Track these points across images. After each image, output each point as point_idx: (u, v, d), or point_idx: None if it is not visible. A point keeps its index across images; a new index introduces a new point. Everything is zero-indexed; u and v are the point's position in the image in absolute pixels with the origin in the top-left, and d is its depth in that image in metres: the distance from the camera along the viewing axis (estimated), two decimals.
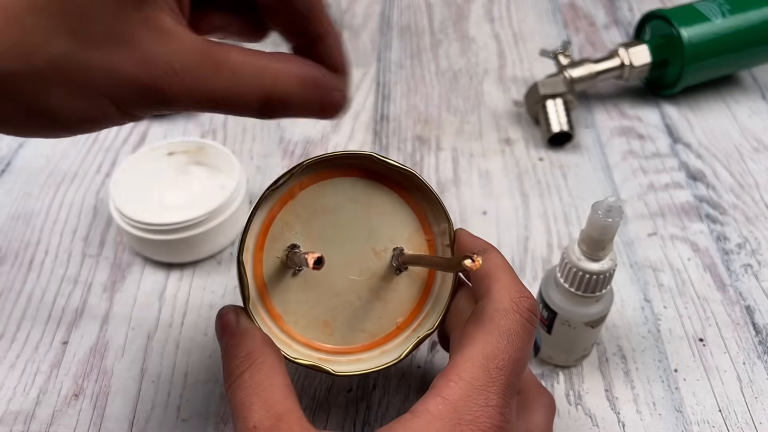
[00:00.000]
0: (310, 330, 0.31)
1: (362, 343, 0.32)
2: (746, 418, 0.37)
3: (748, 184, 0.51)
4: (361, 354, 0.32)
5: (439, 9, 0.70)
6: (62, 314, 0.41)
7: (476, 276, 0.30)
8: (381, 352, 0.32)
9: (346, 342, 0.32)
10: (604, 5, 0.70)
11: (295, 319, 0.31)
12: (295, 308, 0.31)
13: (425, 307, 0.33)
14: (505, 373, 0.26)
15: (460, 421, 0.25)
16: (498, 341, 0.26)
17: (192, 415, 0.36)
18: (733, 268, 0.45)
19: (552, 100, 0.53)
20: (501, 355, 0.26)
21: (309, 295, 0.31)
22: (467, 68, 0.62)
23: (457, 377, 0.26)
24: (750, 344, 0.40)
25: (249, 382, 0.26)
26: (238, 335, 0.28)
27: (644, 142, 0.54)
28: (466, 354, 0.26)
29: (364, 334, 0.32)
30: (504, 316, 0.27)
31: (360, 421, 0.36)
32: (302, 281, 0.31)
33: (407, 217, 0.32)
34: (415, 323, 0.33)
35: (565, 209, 0.49)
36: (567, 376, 0.39)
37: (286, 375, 0.27)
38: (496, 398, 0.25)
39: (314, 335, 0.31)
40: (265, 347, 0.28)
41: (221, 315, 0.29)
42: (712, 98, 0.58)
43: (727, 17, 0.54)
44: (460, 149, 0.53)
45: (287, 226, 0.30)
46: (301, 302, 0.31)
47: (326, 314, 0.32)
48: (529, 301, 0.28)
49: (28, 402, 0.37)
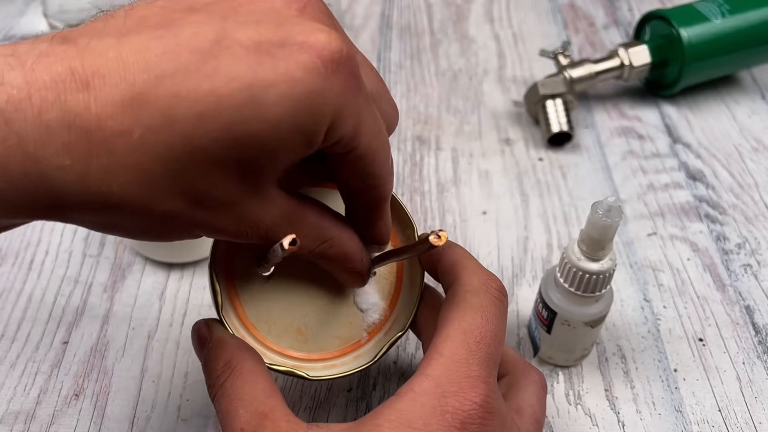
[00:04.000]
0: (284, 338, 0.31)
1: (335, 349, 0.32)
2: (746, 417, 0.37)
3: (748, 184, 0.51)
4: (335, 360, 0.32)
5: (439, 9, 0.70)
6: (62, 314, 0.41)
7: (443, 266, 0.31)
8: (354, 357, 0.32)
9: (320, 349, 0.32)
10: (603, 5, 0.70)
11: (268, 328, 0.31)
12: (268, 317, 0.31)
13: (395, 311, 0.33)
14: (484, 347, 0.27)
15: (445, 393, 0.25)
16: (473, 317, 0.27)
17: (192, 415, 0.37)
18: (733, 268, 0.45)
19: (552, 100, 0.53)
20: (478, 330, 0.27)
21: (281, 303, 0.31)
22: (467, 68, 0.62)
23: (438, 354, 0.26)
24: (750, 344, 0.40)
25: (231, 389, 0.27)
26: (214, 346, 0.28)
27: (644, 142, 0.54)
28: (443, 334, 0.27)
29: (337, 340, 0.32)
30: (475, 295, 0.28)
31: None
32: (274, 288, 0.31)
33: None
34: (386, 326, 0.33)
35: (565, 209, 0.49)
36: (567, 376, 0.39)
37: (267, 375, 0.27)
38: (477, 369, 0.26)
39: (288, 343, 0.31)
40: (242, 353, 0.28)
41: (195, 330, 0.30)
42: (712, 98, 0.59)
43: (726, 17, 0.54)
44: (459, 149, 0.53)
45: None
46: (273, 310, 0.31)
47: (299, 321, 0.32)
48: (497, 282, 0.29)
49: (28, 402, 0.37)
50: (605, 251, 0.33)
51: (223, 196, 0.23)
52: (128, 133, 0.20)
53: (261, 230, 0.25)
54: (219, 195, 0.23)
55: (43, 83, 0.20)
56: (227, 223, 0.24)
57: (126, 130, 0.20)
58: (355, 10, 0.69)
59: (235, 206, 0.23)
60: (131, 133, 0.20)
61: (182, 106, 0.20)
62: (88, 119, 0.20)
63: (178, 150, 0.21)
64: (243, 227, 0.24)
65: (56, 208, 0.21)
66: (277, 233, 0.25)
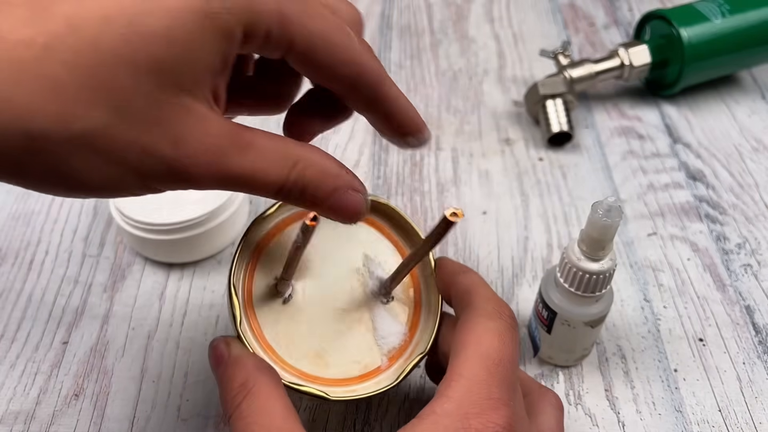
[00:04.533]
0: (303, 362, 0.31)
1: (356, 374, 0.32)
2: (746, 417, 0.37)
3: (748, 184, 0.51)
4: (356, 386, 0.32)
5: (439, 9, 0.70)
6: (62, 314, 0.41)
7: (458, 291, 0.31)
8: (375, 382, 0.32)
9: (341, 374, 0.32)
10: (603, 5, 0.70)
11: (288, 351, 0.31)
12: (287, 339, 0.31)
13: (415, 337, 0.33)
14: (503, 369, 0.27)
15: (467, 415, 0.25)
16: (491, 341, 0.27)
17: (192, 415, 0.37)
18: (733, 268, 0.45)
19: (552, 100, 0.53)
20: (496, 353, 0.27)
21: (299, 327, 0.31)
22: (467, 68, 0.62)
23: (457, 376, 0.26)
24: (750, 344, 0.40)
25: (247, 411, 0.26)
26: (231, 365, 0.28)
27: (644, 142, 0.54)
28: (461, 356, 0.27)
29: (357, 365, 0.32)
30: (491, 320, 0.28)
31: (360, 420, 0.36)
32: (292, 312, 0.31)
33: (383, 244, 0.34)
34: (407, 352, 0.33)
35: (565, 209, 0.49)
36: (567, 376, 0.39)
37: (285, 397, 0.27)
38: (498, 391, 0.26)
39: (308, 367, 0.31)
40: (260, 373, 0.27)
41: (212, 347, 0.29)
42: (712, 98, 0.58)
43: (726, 17, 0.54)
44: (459, 149, 0.53)
45: (274, 258, 0.31)
46: (291, 333, 0.31)
47: (317, 345, 0.31)
48: (509, 309, 0.30)
49: (28, 402, 0.37)
50: (605, 251, 0.33)
51: (145, 107, 0.22)
52: (32, 41, 0.20)
53: (208, 157, 0.23)
54: (141, 105, 0.21)
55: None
56: (164, 146, 0.22)
57: (30, 39, 0.20)
58: None
59: (168, 126, 0.22)
60: (35, 41, 0.20)
61: (85, 10, 0.20)
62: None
63: (85, 54, 0.20)
64: (183, 153, 0.23)
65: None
66: (229, 164, 0.23)
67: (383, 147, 0.53)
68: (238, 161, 0.24)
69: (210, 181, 0.24)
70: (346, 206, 0.26)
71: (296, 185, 0.25)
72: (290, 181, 0.25)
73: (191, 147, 0.23)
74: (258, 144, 0.24)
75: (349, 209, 0.27)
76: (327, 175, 0.26)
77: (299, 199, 0.26)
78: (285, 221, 0.32)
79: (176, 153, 0.23)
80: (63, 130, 0.21)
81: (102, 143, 0.21)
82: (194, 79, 0.23)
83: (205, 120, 0.23)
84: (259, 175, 0.24)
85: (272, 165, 0.25)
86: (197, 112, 0.23)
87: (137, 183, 0.23)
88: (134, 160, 0.22)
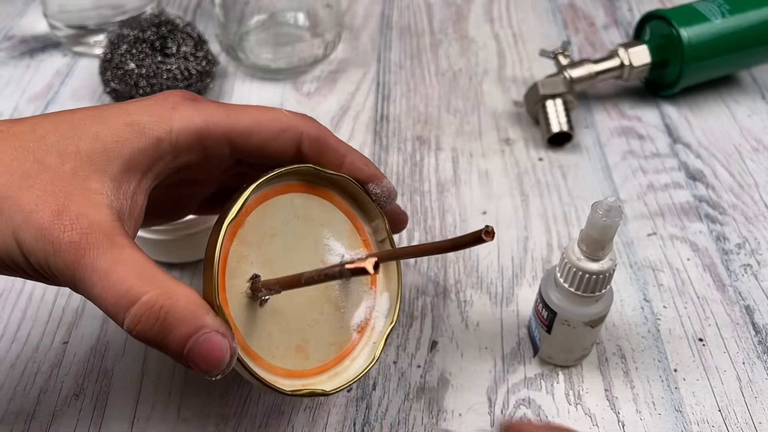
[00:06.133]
0: (288, 360, 0.31)
1: (333, 356, 0.32)
2: (746, 417, 0.37)
3: (748, 184, 0.51)
4: (336, 368, 0.32)
5: (439, 9, 0.70)
6: (62, 314, 0.41)
7: None
8: (351, 359, 0.33)
9: (320, 360, 0.32)
10: (603, 5, 0.70)
11: (272, 353, 0.30)
12: (268, 342, 0.30)
13: (379, 306, 0.33)
14: None
15: None
16: None
17: (192, 415, 0.37)
18: (733, 268, 0.45)
19: (552, 100, 0.53)
20: None
21: (278, 324, 0.31)
22: (467, 68, 0.62)
23: None
24: (750, 344, 0.40)
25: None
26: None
27: (644, 142, 0.54)
28: None
29: (333, 347, 0.32)
30: None
31: (360, 420, 0.36)
32: (270, 311, 0.30)
33: (342, 221, 0.33)
34: (371, 322, 0.33)
35: (565, 209, 0.49)
36: (567, 376, 0.39)
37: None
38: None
39: (292, 363, 0.31)
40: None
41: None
42: (712, 98, 0.59)
43: (726, 17, 0.54)
44: (459, 149, 0.53)
45: (242, 258, 0.29)
46: (273, 333, 0.31)
47: (297, 338, 0.31)
48: None
49: (28, 402, 0.37)
50: (605, 251, 0.33)
51: (51, 178, 0.26)
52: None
53: (74, 235, 0.25)
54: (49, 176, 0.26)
55: None
56: (45, 214, 0.25)
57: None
58: (355, 10, 0.69)
59: (60, 194, 0.26)
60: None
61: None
62: None
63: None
64: (58, 224, 0.25)
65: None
66: (92, 252, 0.25)
67: (383, 147, 0.53)
68: (101, 255, 0.25)
69: (62, 263, 0.25)
70: (209, 351, 0.25)
71: (153, 311, 0.24)
72: (150, 302, 0.24)
73: (67, 219, 0.25)
74: (130, 252, 0.25)
75: (213, 355, 0.25)
76: (194, 312, 0.25)
77: (150, 331, 0.24)
78: (247, 209, 0.30)
79: (52, 221, 0.24)
80: None
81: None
82: (108, 167, 0.27)
83: (94, 203, 0.26)
84: (113, 279, 0.24)
85: (137, 278, 0.24)
86: (93, 196, 0.26)
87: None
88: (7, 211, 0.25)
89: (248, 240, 0.30)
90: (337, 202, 0.33)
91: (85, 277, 0.24)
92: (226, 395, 0.37)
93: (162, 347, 0.25)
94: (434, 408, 0.37)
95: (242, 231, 0.29)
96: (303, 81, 0.60)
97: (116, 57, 0.54)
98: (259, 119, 0.30)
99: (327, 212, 0.33)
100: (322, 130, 0.31)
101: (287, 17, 0.61)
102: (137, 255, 0.25)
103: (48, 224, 0.24)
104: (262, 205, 0.30)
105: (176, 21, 0.56)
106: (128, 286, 0.24)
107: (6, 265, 0.26)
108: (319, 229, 0.32)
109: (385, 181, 0.33)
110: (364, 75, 0.61)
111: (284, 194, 0.31)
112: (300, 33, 0.61)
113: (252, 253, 0.30)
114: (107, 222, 0.25)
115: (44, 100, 0.58)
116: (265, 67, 0.59)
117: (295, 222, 0.32)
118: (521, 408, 0.37)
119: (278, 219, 0.31)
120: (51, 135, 0.27)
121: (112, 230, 0.25)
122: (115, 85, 0.54)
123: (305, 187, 0.32)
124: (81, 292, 0.25)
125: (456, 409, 0.37)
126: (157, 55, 0.54)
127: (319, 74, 0.61)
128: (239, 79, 0.60)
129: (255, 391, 0.38)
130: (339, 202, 0.33)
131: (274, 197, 0.31)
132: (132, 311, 0.24)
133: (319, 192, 0.33)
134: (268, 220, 0.30)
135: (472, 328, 0.41)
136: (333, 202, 0.33)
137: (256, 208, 0.30)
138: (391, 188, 0.33)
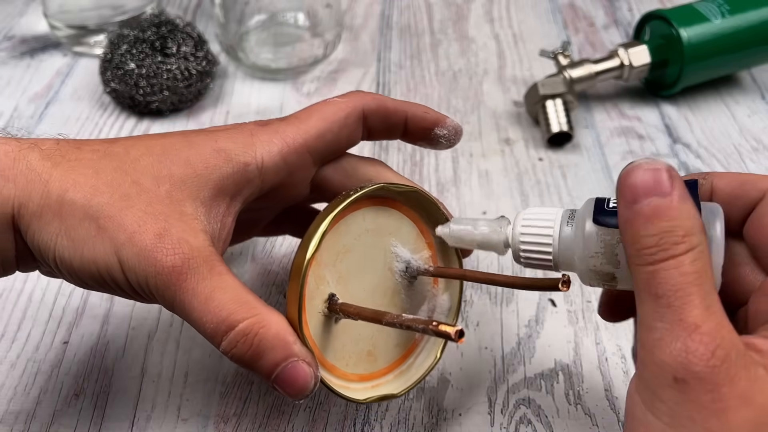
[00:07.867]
0: (360, 365, 0.32)
1: (399, 356, 0.34)
2: None
3: None
4: (401, 366, 0.34)
5: (439, 9, 0.70)
6: (63, 314, 0.41)
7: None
8: (414, 356, 0.34)
9: (387, 361, 0.33)
10: (603, 5, 0.70)
11: (346, 362, 0.32)
12: (343, 353, 0.32)
13: (440, 306, 0.34)
14: None
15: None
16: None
17: (192, 415, 0.37)
18: None
19: (552, 101, 0.53)
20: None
21: (351, 336, 0.32)
22: (467, 68, 0.62)
23: None
24: None
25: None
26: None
27: (644, 142, 0.54)
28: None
29: (398, 348, 0.34)
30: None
31: (360, 420, 0.36)
32: (343, 324, 0.31)
33: (408, 227, 0.34)
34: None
35: None
36: (567, 376, 0.39)
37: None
38: None
39: (364, 368, 0.32)
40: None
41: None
42: (712, 98, 0.59)
43: (726, 17, 0.54)
44: (459, 149, 0.53)
45: (320, 279, 0.30)
46: (347, 344, 0.32)
47: (368, 345, 0.33)
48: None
49: (28, 402, 0.37)
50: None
51: (151, 200, 0.28)
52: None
53: (175, 259, 0.26)
54: (148, 198, 0.28)
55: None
56: (148, 236, 0.26)
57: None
58: (355, 10, 0.69)
59: (161, 217, 0.27)
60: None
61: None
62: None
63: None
64: (162, 246, 0.26)
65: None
66: (191, 278, 0.26)
67: (383, 147, 0.53)
68: (202, 280, 0.26)
69: (162, 285, 0.26)
70: (294, 378, 0.27)
71: (248, 338, 0.26)
72: (245, 330, 0.26)
73: (168, 243, 0.26)
74: (228, 279, 0.27)
75: (298, 382, 0.27)
76: (284, 341, 0.27)
77: (244, 355, 0.26)
78: (324, 233, 0.30)
79: (155, 244, 0.26)
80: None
81: (101, 217, 0.26)
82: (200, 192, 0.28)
83: (192, 228, 0.27)
84: (214, 306, 0.26)
85: (232, 303, 0.26)
86: (189, 220, 0.27)
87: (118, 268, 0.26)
88: (118, 235, 0.26)
89: (324, 260, 0.30)
90: (404, 210, 0.34)
91: (185, 300, 0.26)
92: (226, 395, 0.37)
93: (253, 370, 0.27)
94: (434, 408, 0.37)
95: (319, 253, 0.30)
96: (303, 81, 0.60)
97: (116, 57, 0.54)
98: (325, 116, 0.32)
99: (395, 221, 0.33)
100: (377, 99, 0.33)
101: (287, 17, 0.61)
102: (234, 282, 0.27)
103: (151, 246, 0.26)
104: (336, 224, 0.30)
105: (176, 21, 0.56)
106: (227, 313, 0.26)
107: (104, 282, 0.27)
108: (387, 237, 0.33)
109: (448, 121, 0.34)
110: (364, 75, 0.61)
111: (356, 210, 0.31)
112: (300, 33, 0.61)
113: (328, 273, 0.30)
114: (205, 247, 0.27)
115: (44, 100, 0.58)
116: (265, 67, 0.59)
117: (366, 235, 0.32)
118: (521, 408, 0.37)
119: (351, 236, 0.31)
120: (145, 158, 0.28)
121: (211, 256, 0.27)
122: (115, 85, 0.54)
123: (375, 200, 0.32)
124: (178, 313, 0.26)
125: (456, 409, 0.37)
126: (157, 55, 0.54)
127: (319, 74, 0.61)
128: (239, 79, 0.60)
129: (255, 391, 0.38)
130: (406, 209, 0.34)
131: (347, 215, 0.31)
132: (229, 336, 0.26)
133: (387, 203, 0.33)
134: (342, 238, 0.31)
135: (472, 328, 0.41)
136: (401, 210, 0.34)
137: (331, 230, 0.30)
138: (456, 125, 0.35)
